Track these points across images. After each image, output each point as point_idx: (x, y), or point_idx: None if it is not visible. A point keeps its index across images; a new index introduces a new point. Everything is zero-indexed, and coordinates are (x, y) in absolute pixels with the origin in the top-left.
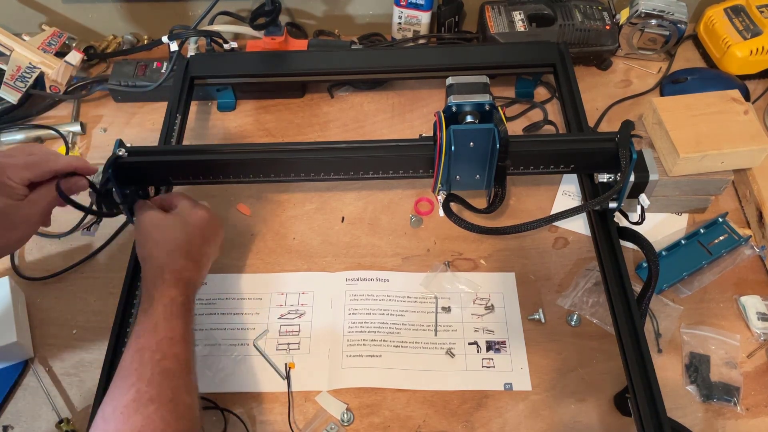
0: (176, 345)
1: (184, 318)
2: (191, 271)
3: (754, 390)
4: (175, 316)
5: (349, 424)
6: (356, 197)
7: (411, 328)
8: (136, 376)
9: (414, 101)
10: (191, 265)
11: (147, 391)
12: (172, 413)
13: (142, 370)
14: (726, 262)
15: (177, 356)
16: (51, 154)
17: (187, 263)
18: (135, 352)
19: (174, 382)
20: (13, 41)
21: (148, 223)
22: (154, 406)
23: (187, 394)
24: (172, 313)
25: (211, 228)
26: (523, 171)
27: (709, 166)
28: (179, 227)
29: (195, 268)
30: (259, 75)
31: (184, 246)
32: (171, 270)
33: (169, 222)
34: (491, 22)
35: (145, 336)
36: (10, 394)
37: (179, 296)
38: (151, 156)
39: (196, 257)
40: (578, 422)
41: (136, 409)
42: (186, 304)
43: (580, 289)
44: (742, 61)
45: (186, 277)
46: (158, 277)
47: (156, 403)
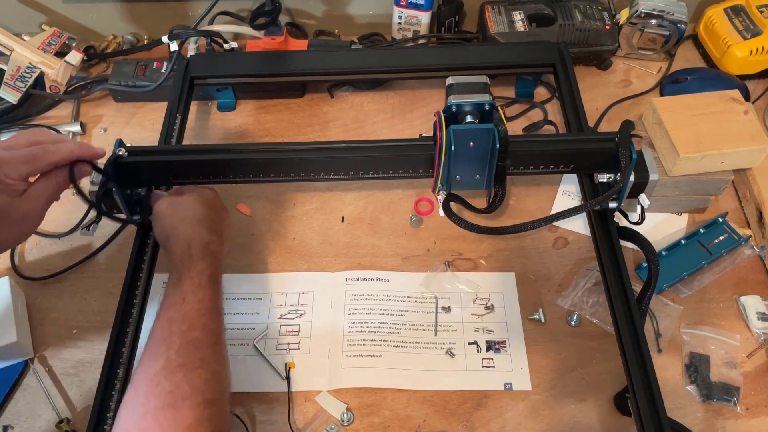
0: (204, 316)
1: (211, 290)
2: (216, 244)
3: (754, 390)
4: (202, 288)
5: (349, 424)
6: (356, 197)
7: (411, 328)
8: (166, 345)
9: (414, 101)
10: (216, 238)
11: (175, 359)
12: (200, 379)
13: (171, 340)
14: (726, 262)
15: (205, 326)
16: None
17: (212, 236)
18: (164, 322)
19: (202, 351)
20: (13, 41)
21: (168, 204)
22: (182, 373)
23: (215, 362)
24: (200, 285)
25: (220, 206)
26: (523, 171)
27: (709, 166)
28: (198, 203)
29: (219, 241)
30: (259, 75)
31: (206, 220)
32: (198, 244)
33: (189, 200)
34: (491, 22)
35: (173, 308)
36: (10, 394)
37: (206, 269)
38: (151, 156)
39: (218, 230)
40: (578, 422)
41: (165, 376)
42: (213, 277)
43: (580, 289)
44: (742, 61)
45: (212, 250)
46: (185, 252)
47: (184, 371)
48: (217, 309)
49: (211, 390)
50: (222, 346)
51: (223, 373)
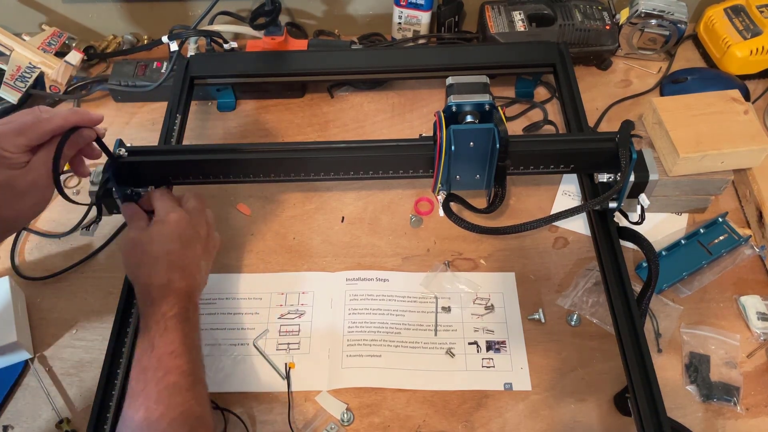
0: (177, 358)
1: (181, 330)
2: (180, 281)
3: (754, 390)
4: (169, 331)
5: (349, 424)
6: (356, 197)
7: (411, 328)
8: (144, 396)
9: (414, 101)
10: (178, 275)
11: (155, 409)
12: (183, 426)
13: (148, 390)
14: (726, 262)
15: (180, 369)
16: (44, 113)
17: (172, 275)
18: (138, 373)
19: (181, 396)
20: (13, 41)
21: (126, 245)
22: (166, 422)
23: (197, 404)
24: (166, 328)
25: (187, 230)
26: (523, 171)
27: (709, 166)
28: (156, 240)
29: (183, 276)
30: (259, 75)
31: (163, 258)
32: (157, 286)
33: (145, 238)
34: (491, 22)
35: (145, 356)
36: (10, 394)
37: (170, 309)
38: (151, 156)
39: (180, 265)
40: (578, 422)
41: (148, 427)
42: (181, 315)
43: (580, 289)
44: (742, 61)
45: (176, 288)
46: (146, 298)
47: (166, 420)
48: (190, 348)
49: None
50: (201, 386)
51: (205, 416)
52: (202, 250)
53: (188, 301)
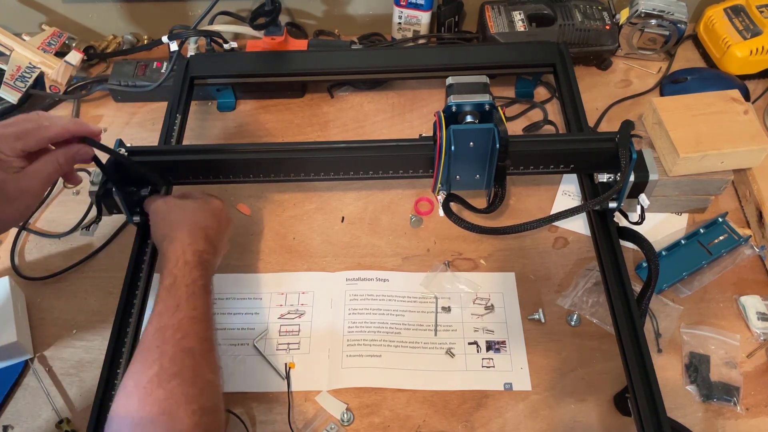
0: (198, 324)
1: (204, 299)
2: (210, 254)
3: (754, 390)
4: (197, 296)
5: (349, 424)
6: (356, 197)
7: (411, 328)
8: (159, 353)
9: (414, 101)
10: (210, 248)
11: (169, 367)
12: (194, 388)
13: (165, 348)
14: (726, 262)
15: (198, 335)
16: (45, 120)
17: (207, 246)
18: (157, 330)
19: (196, 360)
20: (13, 41)
21: (166, 205)
22: (177, 381)
23: (209, 371)
24: (194, 293)
25: (225, 218)
26: (523, 171)
27: (709, 166)
28: (199, 210)
29: (213, 251)
30: (259, 75)
31: (203, 229)
32: (194, 250)
33: (189, 205)
34: (491, 22)
35: (167, 314)
36: (10, 394)
37: (200, 278)
38: (151, 156)
39: (214, 241)
40: (578, 422)
41: (158, 384)
42: (206, 286)
43: (580, 289)
44: (742, 61)
45: (206, 259)
46: (180, 257)
47: (178, 379)
48: (209, 318)
49: (205, 398)
50: (215, 355)
51: (216, 383)
52: (227, 241)
53: (211, 275)
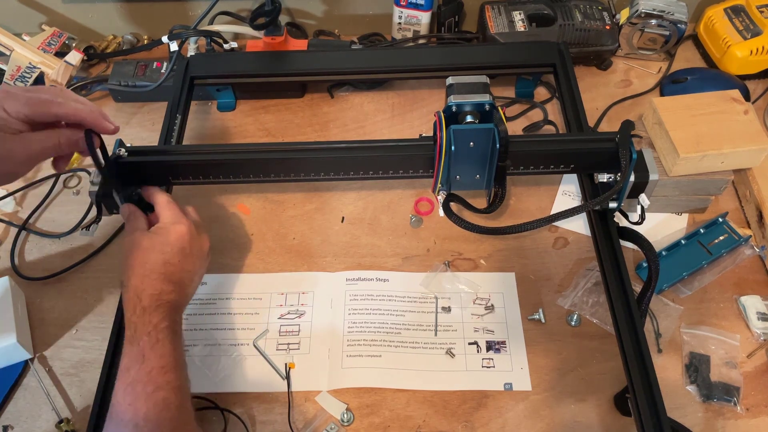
0: (168, 373)
1: (171, 343)
2: (171, 293)
3: (754, 390)
4: (162, 343)
5: (349, 424)
6: (356, 197)
7: (411, 328)
8: (132, 412)
9: (414, 101)
10: (170, 288)
11: (145, 425)
12: None
13: (137, 405)
14: (726, 262)
15: (171, 384)
16: (61, 97)
17: (166, 286)
18: (127, 386)
19: (171, 413)
20: (13, 41)
21: (126, 246)
22: None
23: (186, 423)
24: (159, 340)
25: (192, 244)
26: (523, 171)
27: (709, 166)
28: (157, 249)
29: (175, 290)
30: (259, 75)
31: (160, 269)
32: (149, 295)
33: (146, 244)
34: (491, 22)
35: (134, 368)
36: (10, 394)
37: (162, 321)
38: (151, 156)
39: (175, 278)
40: (578, 422)
41: None
42: (171, 328)
43: (580, 289)
44: (742, 61)
45: (166, 300)
46: (137, 305)
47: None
48: (179, 364)
49: None
50: (189, 403)
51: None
52: (201, 266)
53: (177, 315)
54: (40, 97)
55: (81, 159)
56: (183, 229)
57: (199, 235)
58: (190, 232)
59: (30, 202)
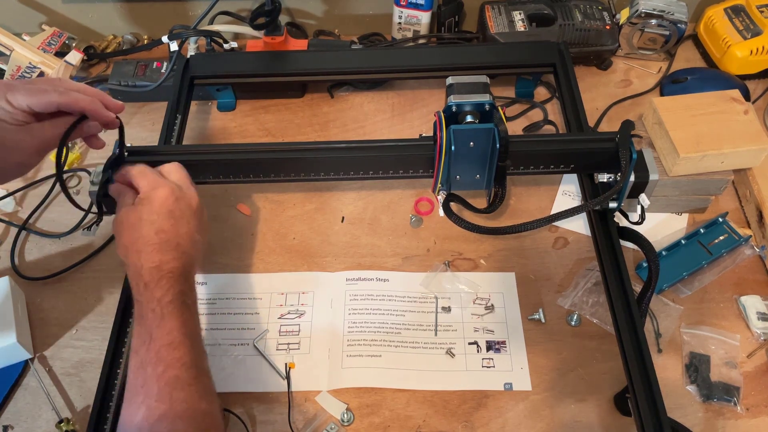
0: (177, 349)
1: (179, 317)
2: (172, 261)
3: (754, 390)
4: (167, 319)
5: (349, 424)
6: (356, 197)
7: (411, 328)
8: (144, 394)
9: (414, 101)
10: (170, 256)
11: (157, 407)
12: (187, 424)
13: (149, 387)
14: (726, 262)
15: (181, 361)
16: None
17: (164, 255)
18: (137, 368)
19: (184, 391)
20: (13, 41)
21: (116, 226)
22: (167, 422)
23: (200, 399)
24: (164, 315)
25: (179, 204)
26: (523, 171)
27: (709, 166)
28: (144, 219)
29: (176, 257)
30: (259, 75)
31: (153, 239)
32: (148, 269)
33: (134, 217)
34: (491, 22)
35: (143, 348)
36: (10, 394)
37: (166, 295)
38: (151, 156)
39: (172, 244)
40: (578, 422)
41: (149, 428)
42: (177, 300)
43: (580, 289)
44: (742, 61)
45: (168, 270)
46: (138, 282)
47: (169, 418)
48: (190, 337)
49: None
50: (205, 377)
51: (211, 410)
52: (197, 223)
53: (184, 283)
54: (41, 88)
55: (81, 159)
56: (164, 192)
57: (185, 193)
58: (173, 193)
59: (30, 202)
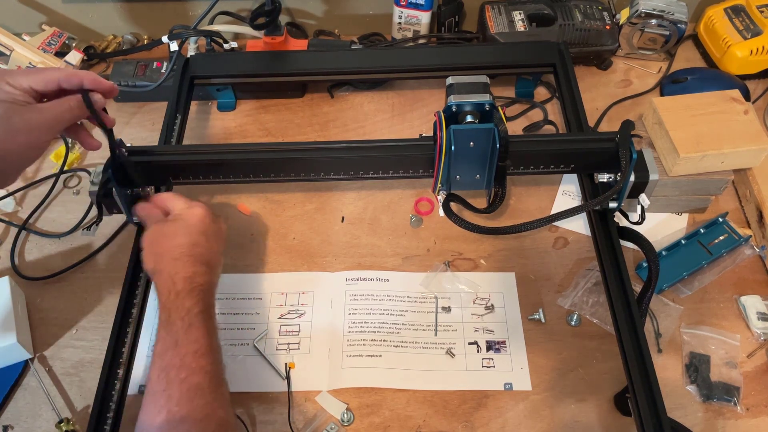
0: (201, 358)
1: (205, 327)
2: (203, 275)
3: (754, 390)
4: (195, 328)
5: (349, 424)
6: (356, 197)
7: (411, 328)
8: (165, 398)
9: (414, 101)
10: (202, 270)
11: (178, 411)
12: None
13: (171, 391)
14: (726, 262)
15: (204, 369)
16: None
17: (198, 268)
18: (160, 371)
19: (204, 398)
20: (13, 41)
21: (150, 237)
22: (186, 426)
23: (220, 407)
24: (192, 324)
25: (212, 225)
26: (523, 171)
27: (709, 166)
28: (181, 232)
29: (207, 271)
30: (259, 75)
31: (189, 251)
32: (182, 278)
33: (170, 229)
34: (491, 22)
35: (168, 353)
36: (10, 394)
37: (196, 306)
38: (151, 156)
39: (205, 259)
40: (578, 422)
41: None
42: (205, 312)
43: (580, 289)
44: (742, 61)
45: (199, 282)
46: (171, 289)
47: (188, 423)
48: (213, 347)
49: None
50: (224, 387)
51: (227, 419)
52: (222, 245)
53: (211, 298)
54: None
55: (81, 159)
56: (201, 211)
57: (215, 218)
58: (207, 213)
59: (30, 202)
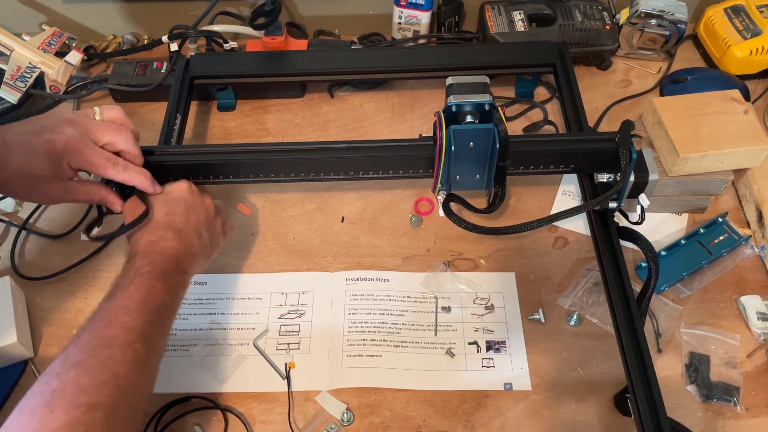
0: (127, 314)
1: (146, 288)
2: (169, 240)
3: (754, 390)
4: (133, 286)
5: (349, 424)
6: (356, 197)
7: (411, 328)
8: (74, 343)
9: (414, 101)
10: (169, 235)
11: (75, 355)
12: (92, 379)
13: (82, 335)
14: (726, 262)
15: (124, 325)
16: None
17: (166, 232)
18: (90, 320)
19: (111, 350)
20: (13, 41)
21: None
22: (75, 371)
23: (123, 363)
24: (132, 283)
25: (192, 196)
26: (523, 171)
27: (709, 166)
28: (159, 203)
29: (174, 237)
30: (259, 75)
31: (162, 218)
32: (146, 241)
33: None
34: (491, 22)
35: (100, 306)
36: (10, 394)
37: (145, 266)
38: (151, 156)
39: (176, 226)
40: (578, 422)
41: (57, 373)
42: (154, 273)
43: (580, 289)
44: (742, 61)
45: (162, 247)
46: (132, 252)
47: (78, 368)
48: (147, 307)
49: (102, 393)
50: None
51: (129, 377)
52: (206, 218)
53: (173, 264)
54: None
55: None
56: (183, 184)
57: (202, 194)
58: (190, 186)
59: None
